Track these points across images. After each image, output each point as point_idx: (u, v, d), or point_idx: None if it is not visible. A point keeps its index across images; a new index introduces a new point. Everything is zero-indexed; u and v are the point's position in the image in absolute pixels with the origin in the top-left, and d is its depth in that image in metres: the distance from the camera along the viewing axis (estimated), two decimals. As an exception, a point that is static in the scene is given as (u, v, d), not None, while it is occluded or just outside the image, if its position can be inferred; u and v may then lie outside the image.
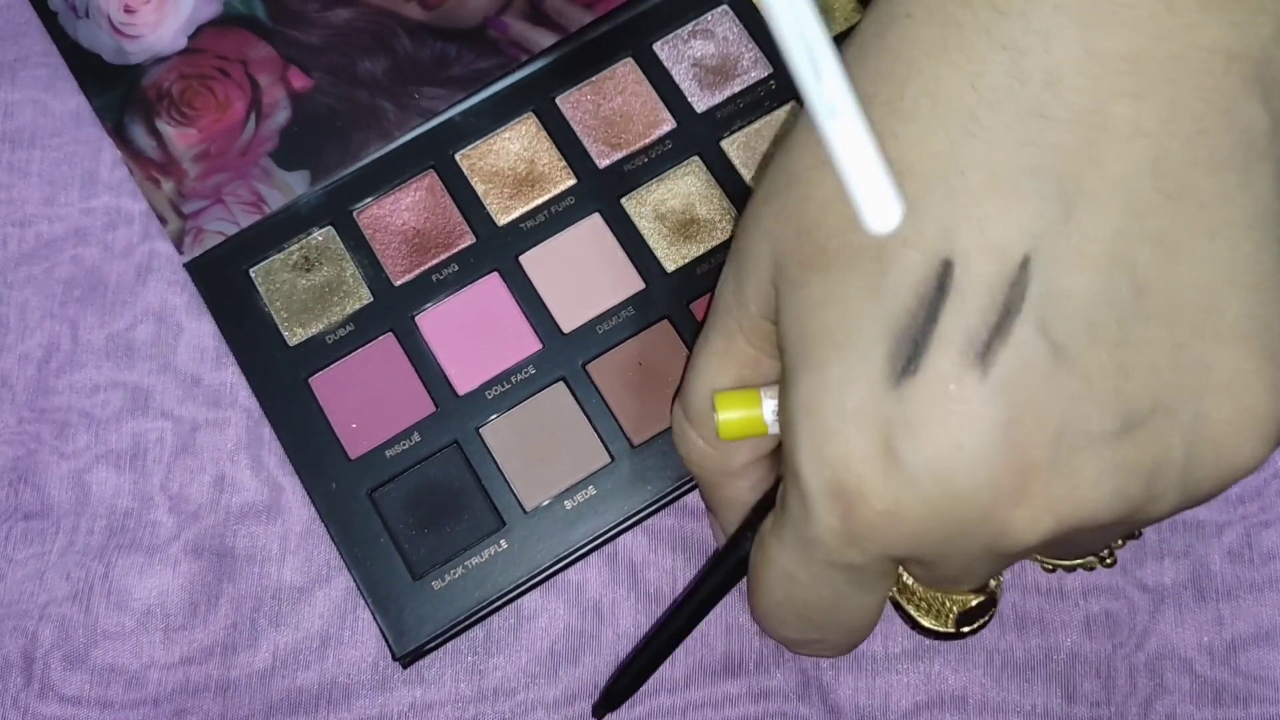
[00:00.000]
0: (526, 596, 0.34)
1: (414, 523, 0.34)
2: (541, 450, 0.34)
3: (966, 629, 0.32)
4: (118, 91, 0.38)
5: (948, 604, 0.32)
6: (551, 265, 0.36)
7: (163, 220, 0.37)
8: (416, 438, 0.34)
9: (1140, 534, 0.31)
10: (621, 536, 0.34)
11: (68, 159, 0.38)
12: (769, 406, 0.28)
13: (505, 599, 0.33)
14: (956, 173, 0.24)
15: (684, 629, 0.32)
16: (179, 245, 0.36)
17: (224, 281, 0.36)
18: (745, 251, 0.28)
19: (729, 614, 0.34)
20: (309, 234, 0.36)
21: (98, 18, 0.38)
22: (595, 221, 0.36)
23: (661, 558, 0.34)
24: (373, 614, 0.33)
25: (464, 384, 0.35)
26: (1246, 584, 0.34)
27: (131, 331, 0.36)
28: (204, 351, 0.36)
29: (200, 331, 0.36)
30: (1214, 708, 0.33)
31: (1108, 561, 0.32)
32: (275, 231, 0.36)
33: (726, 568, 0.30)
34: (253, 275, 0.36)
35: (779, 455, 0.29)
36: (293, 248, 0.36)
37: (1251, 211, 0.24)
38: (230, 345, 0.35)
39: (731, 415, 0.28)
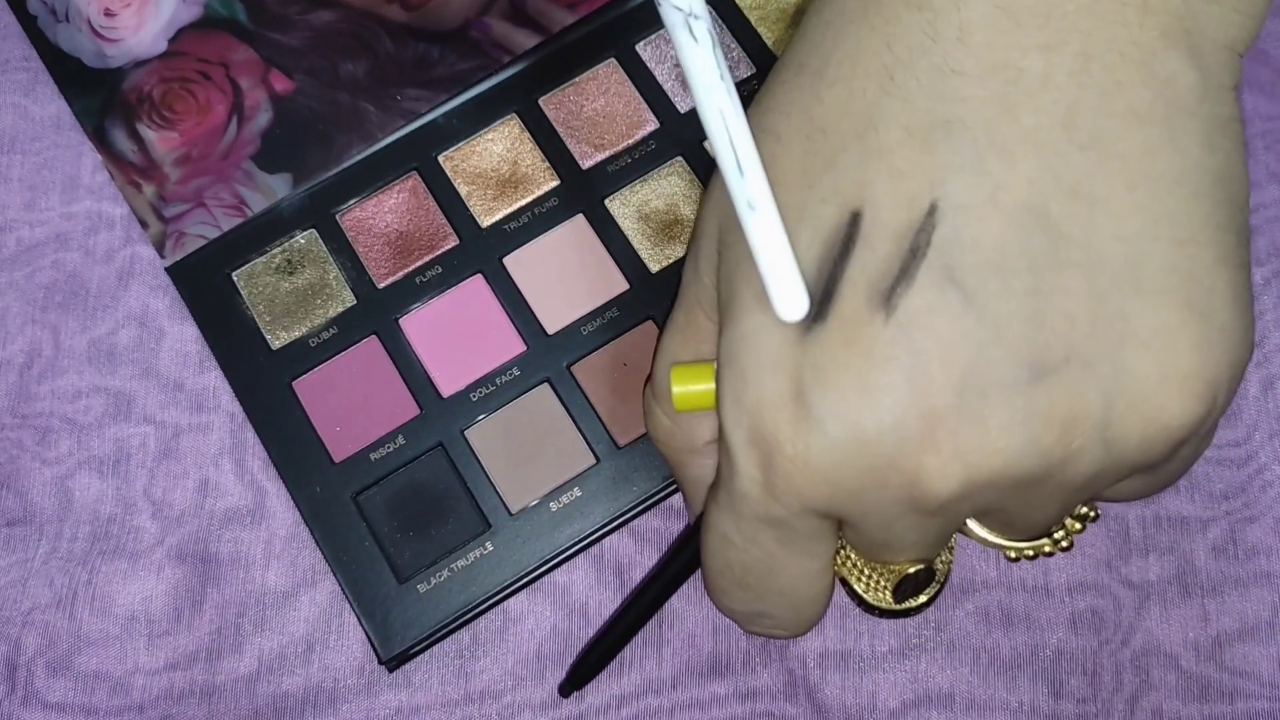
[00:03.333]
0: (513, 599, 0.34)
1: (399, 526, 0.33)
2: (526, 452, 0.34)
3: (906, 604, 0.31)
4: (98, 95, 0.37)
5: (885, 577, 0.31)
6: (535, 267, 0.36)
7: (144, 224, 0.36)
8: (401, 441, 0.34)
9: (1096, 515, 0.30)
10: (607, 538, 0.34)
11: (48, 164, 0.38)
12: None
13: (491, 601, 0.33)
14: (871, 129, 0.25)
15: (652, 607, 0.32)
16: (160, 249, 0.36)
17: (206, 285, 0.36)
18: (698, 226, 0.29)
19: (715, 614, 0.34)
20: (291, 237, 0.36)
21: (78, 21, 0.38)
22: (579, 223, 0.36)
23: (648, 559, 0.34)
24: (358, 618, 0.33)
25: (448, 386, 0.35)
26: (1231, 580, 0.34)
27: (113, 336, 0.36)
28: (186, 356, 0.36)
29: (182, 336, 0.36)
30: (1200, 703, 0.33)
31: (1063, 545, 0.30)
32: (257, 235, 0.36)
33: (693, 546, 0.30)
34: (235, 279, 0.36)
35: None
36: (275, 251, 0.36)
37: (1177, 166, 0.24)
38: (213, 349, 0.35)
39: (684, 388, 0.28)
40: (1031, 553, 0.30)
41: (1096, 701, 0.33)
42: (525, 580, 0.33)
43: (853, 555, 0.30)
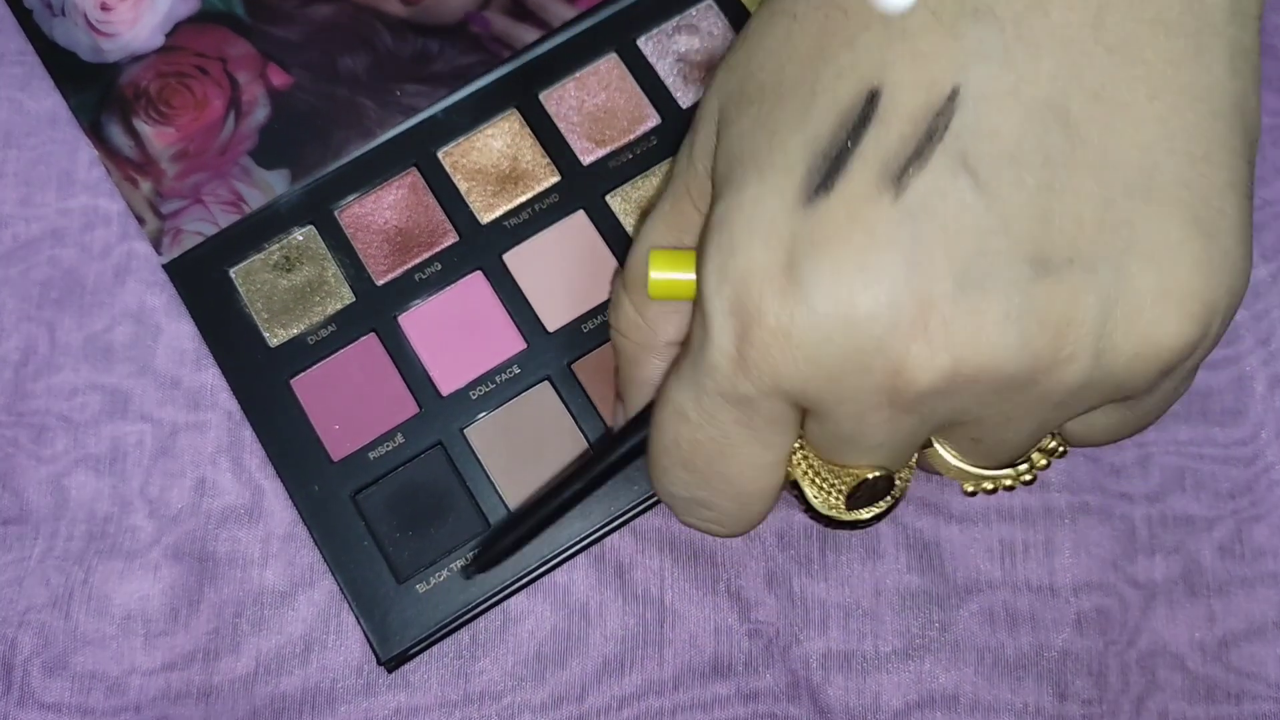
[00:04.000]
0: (513, 599, 0.34)
1: (398, 525, 0.33)
2: (527, 450, 0.34)
3: (859, 514, 0.29)
4: (94, 90, 0.37)
5: (841, 481, 0.28)
6: (535, 264, 0.35)
7: (141, 220, 0.36)
8: (400, 439, 0.34)
9: (1064, 451, 0.29)
10: (608, 537, 0.34)
11: (44, 159, 0.37)
12: None
13: (491, 601, 0.33)
14: None
15: (575, 499, 0.30)
16: (157, 246, 0.36)
17: (203, 282, 0.35)
18: (699, 110, 0.28)
19: (718, 615, 0.34)
20: (289, 234, 0.36)
21: (74, 15, 0.38)
22: (579, 219, 0.36)
23: (649, 558, 0.34)
24: (357, 618, 0.33)
25: (448, 384, 0.34)
26: (1238, 579, 0.34)
27: (110, 333, 0.36)
28: (183, 353, 0.36)
29: (179, 333, 0.36)
30: (1206, 704, 0.33)
31: (1025, 478, 0.29)
32: (255, 231, 0.36)
33: (632, 440, 0.29)
34: (233, 276, 0.35)
35: None
36: (273, 248, 0.36)
37: (1200, 82, 0.24)
38: (210, 347, 0.35)
39: (664, 274, 0.27)
40: (991, 485, 0.29)
41: (1102, 703, 0.33)
42: (525, 580, 0.33)
43: (809, 456, 0.28)
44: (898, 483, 0.29)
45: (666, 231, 0.29)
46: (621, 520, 0.34)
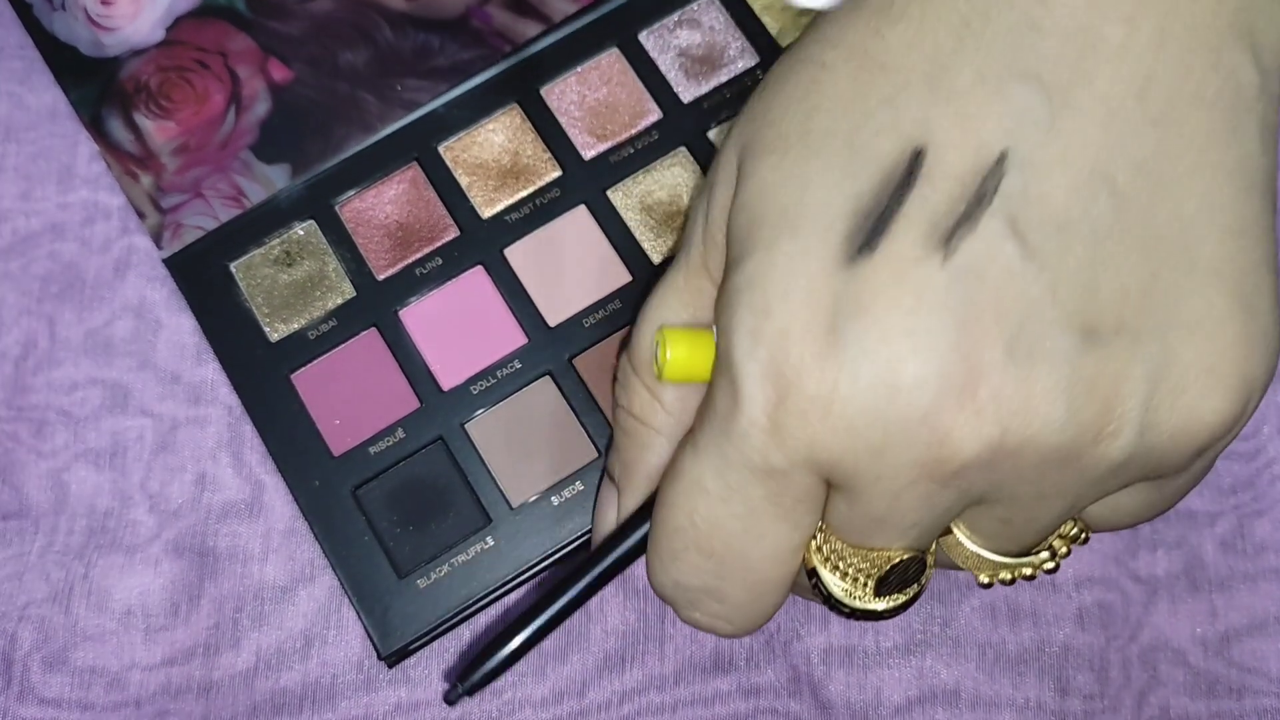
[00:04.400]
0: (514, 594, 0.34)
1: (398, 520, 0.33)
2: (528, 446, 0.34)
3: (886, 603, 0.27)
4: (94, 84, 0.37)
5: (870, 565, 0.26)
6: (537, 258, 0.35)
7: (141, 215, 0.36)
8: (401, 434, 0.34)
9: (1087, 538, 0.28)
10: (609, 532, 0.34)
11: (44, 153, 0.37)
12: None
13: (492, 597, 0.33)
14: (941, 71, 0.24)
15: (575, 604, 0.29)
16: (158, 240, 0.36)
17: (204, 277, 0.35)
18: (715, 169, 0.27)
19: (719, 610, 0.34)
20: (290, 228, 0.36)
21: (74, 10, 0.38)
22: (581, 214, 0.36)
23: (650, 553, 0.34)
24: (357, 613, 0.33)
25: (449, 379, 0.34)
26: (1240, 574, 0.34)
27: (110, 328, 0.36)
28: (184, 348, 0.36)
29: (180, 328, 0.36)
30: (1208, 699, 0.33)
31: (1047, 566, 0.28)
32: (256, 226, 0.36)
33: (638, 532, 0.27)
34: (233, 270, 0.35)
35: None
36: (273, 242, 0.36)
37: (1235, 157, 0.24)
38: (210, 341, 0.35)
39: (679, 352, 0.26)
40: (1010, 575, 0.28)
41: (1104, 698, 0.33)
42: (526, 576, 0.33)
43: (830, 540, 0.26)
44: (928, 565, 0.27)
45: (680, 307, 0.28)
46: (623, 515, 0.34)
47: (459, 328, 0.35)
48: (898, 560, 0.26)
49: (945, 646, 0.33)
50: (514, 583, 0.33)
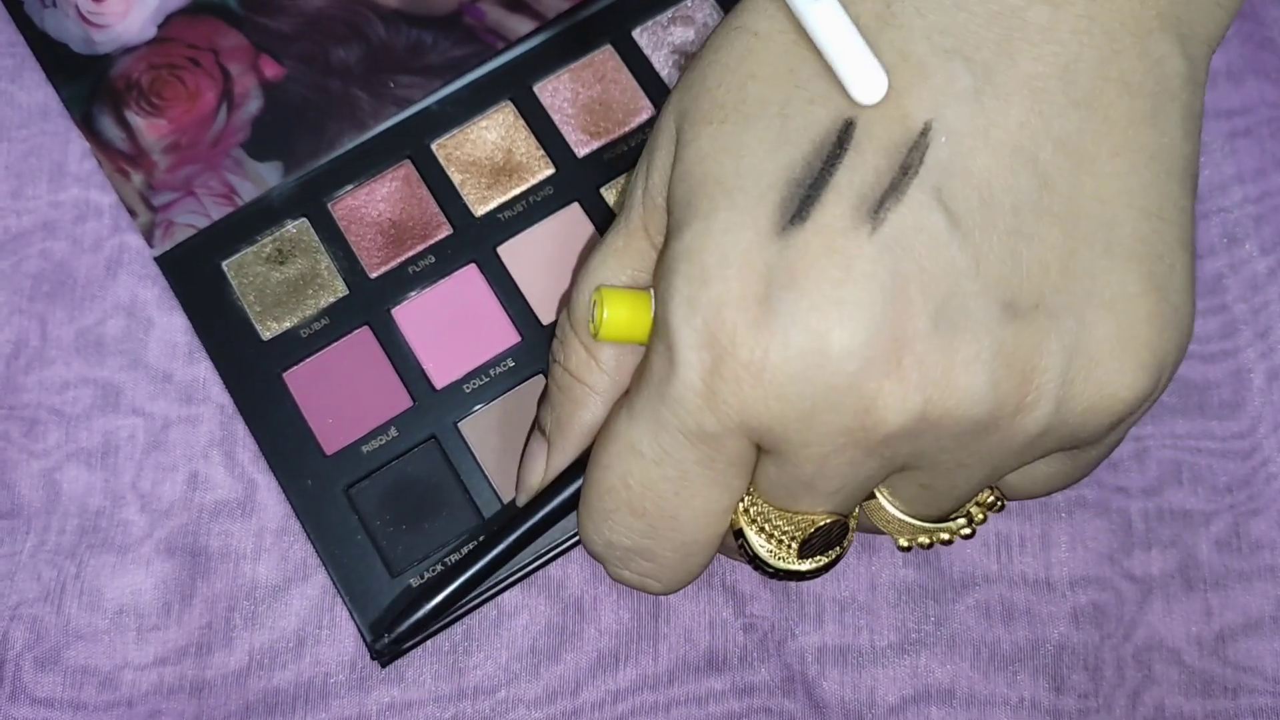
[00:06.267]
0: (507, 593, 0.34)
1: (391, 519, 0.33)
2: (521, 444, 0.34)
3: (809, 563, 0.28)
4: (86, 82, 0.37)
5: (794, 528, 0.27)
6: (530, 256, 0.35)
7: (132, 213, 0.36)
8: (394, 433, 0.34)
9: (1002, 505, 0.29)
10: (603, 531, 0.34)
11: (35, 151, 0.37)
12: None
13: (485, 596, 0.33)
14: (871, 44, 0.24)
15: (501, 559, 0.29)
16: (149, 238, 0.36)
17: (195, 275, 0.35)
18: (655, 134, 0.28)
19: (713, 609, 0.33)
20: (282, 226, 0.36)
21: (65, 7, 0.37)
22: (574, 211, 0.36)
23: (644, 552, 0.34)
24: (350, 612, 0.33)
25: (441, 378, 0.34)
26: (1235, 574, 0.34)
27: (101, 327, 0.36)
28: (175, 347, 0.35)
29: (171, 326, 0.36)
30: (1203, 699, 0.33)
31: (964, 532, 0.29)
32: (248, 224, 0.35)
33: (569, 488, 0.28)
34: (225, 268, 0.35)
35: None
36: (266, 240, 0.35)
37: (1157, 143, 0.25)
38: (202, 340, 0.35)
39: (616, 312, 0.26)
40: (928, 539, 0.28)
41: (1098, 696, 0.33)
42: (519, 574, 0.33)
43: (757, 503, 0.27)
44: (850, 529, 0.28)
45: (619, 268, 0.28)
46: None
47: (452, 326, 0.35)
48: (822, 524, 0.27)
49: (940, 645, 0.33)
50: (507, 581, 0.33)
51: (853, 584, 0.34)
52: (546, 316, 0.35)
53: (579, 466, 0.28)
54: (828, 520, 0.27)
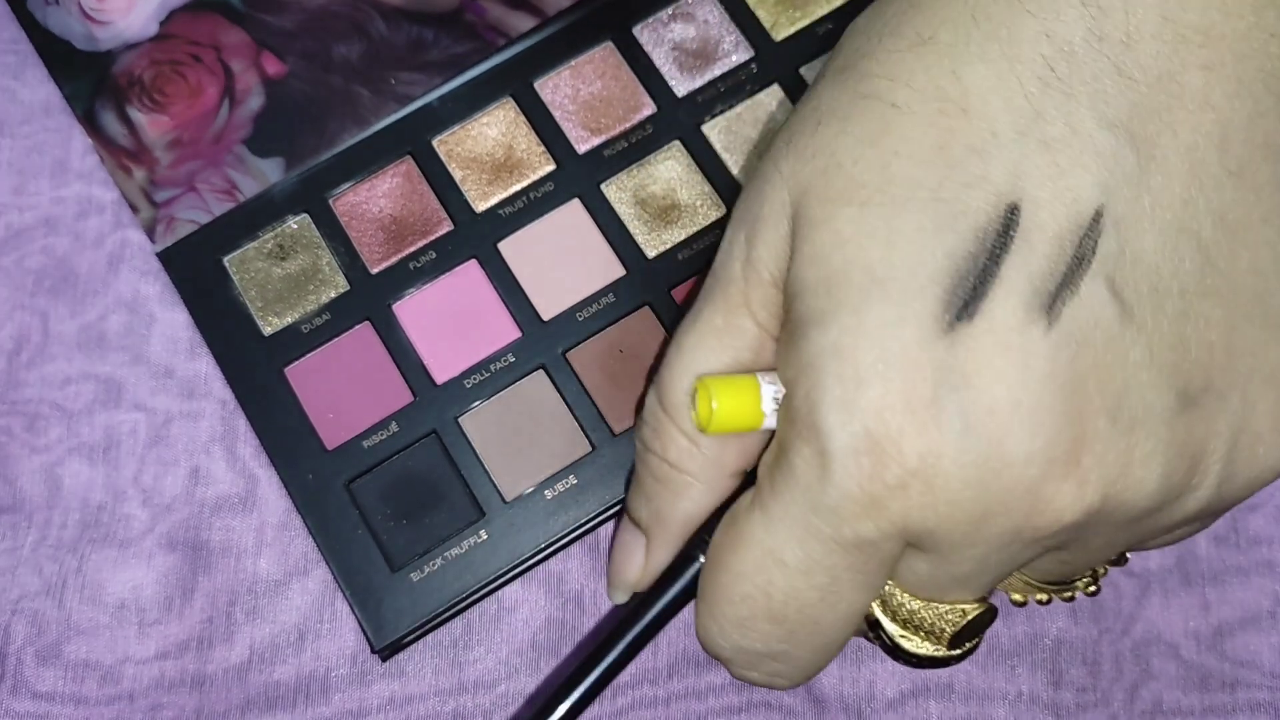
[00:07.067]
0: (507, 588, 0.34)
1: (392, 514, 0.33)
2: (521, 439, 0.34)
3: (960, 651, 0.26)
4: (88, 79, 0.37)
5: (941, 620, 0.26)
6: (530, 252, 0.35)
7: (134, 209, 0.36)
8: (394, 428, 0.34)
9: (1126, 559, 0.28)
10: (603, 526, 0.34)
11: (37, 147, 0.37)
12: (768, 393, 0.25)
13: (485, 590, 0.33)
14: (1031, 119, 0.23)
15: (619, 665, 0.27)
16: (151, 234, 0.36)
17: (197, 271, 0.35)
18: (759, 203, 0.25)
19: (712, 603, 0.34)
20: (284, 222, 0.36)
21: (67, 4, 0.38)
22: (575, 207, 0.36)
23: (644, 547, 0.34)
24: (351, 606, 0.33)
25: (442, 373, 0.34)
26: (1233, 568, 0.34)
27: (103, 322, 0.36)
28: (177, 342, 0.36)
29: (173, 322, 0.36)
30: (1200, 693, 0.33)
31: (1090, 590, 0.28)
32: (249, 220, 0.36)
33: (678, 588, 0.26)
34: (226, 264, 0.35)
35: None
36: (267, 236, 0.36)
37: None
38: (204, 335, 0.35)
39: (727, 404, 0.24)
40: (1046, 597, 0.27)
41: (1096, 691, 0.33)
42: (520, 569, 0.33)
43: (895, 593, 0.25)
44: (996, 611, 0.26)
45: (719, 349, 0.26)
46: (616, 509, 0.33)
47: (452, 321, 0.35)
48: (973, 615, 0.25)
49: (938, 640, 0.33)
50: (507, 576, 0.33)
51: (852, 579, 0.34)
52: (547, 312, 0.35)
53: (684, 559, 0.27)
54: (978, 611, 0.25)
